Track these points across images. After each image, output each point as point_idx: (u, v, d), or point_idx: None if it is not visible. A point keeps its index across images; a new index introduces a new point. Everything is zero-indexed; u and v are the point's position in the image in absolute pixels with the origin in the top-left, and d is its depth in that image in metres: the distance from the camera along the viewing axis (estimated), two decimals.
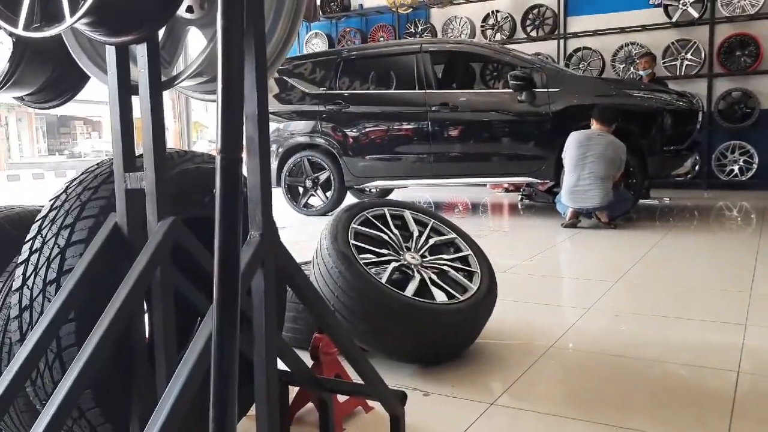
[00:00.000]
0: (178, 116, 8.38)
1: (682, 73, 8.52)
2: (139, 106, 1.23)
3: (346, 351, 1.50)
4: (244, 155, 1.14)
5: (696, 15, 8.41)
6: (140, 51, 1.20)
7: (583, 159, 5.46)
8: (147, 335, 1.48)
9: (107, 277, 1.31)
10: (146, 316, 1.51)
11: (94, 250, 1.27)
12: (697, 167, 8.37)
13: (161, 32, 1.39)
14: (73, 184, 1.41)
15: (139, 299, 1.31)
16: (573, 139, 5.57)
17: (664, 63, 8.64)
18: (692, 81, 8.52)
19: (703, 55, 8.42)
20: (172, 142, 8.62)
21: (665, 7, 8.61)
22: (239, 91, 0.90)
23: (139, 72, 1.21)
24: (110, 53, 1.24)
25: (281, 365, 1.59)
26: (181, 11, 1.32)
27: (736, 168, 8.33)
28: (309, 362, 1.90)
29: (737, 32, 8.28)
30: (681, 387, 2.19)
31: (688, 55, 8.50)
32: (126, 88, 1.26)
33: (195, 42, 1.44)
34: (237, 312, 0.89)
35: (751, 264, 4.01)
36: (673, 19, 8.55)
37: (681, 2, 8.48)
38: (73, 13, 1.01)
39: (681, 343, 2.62)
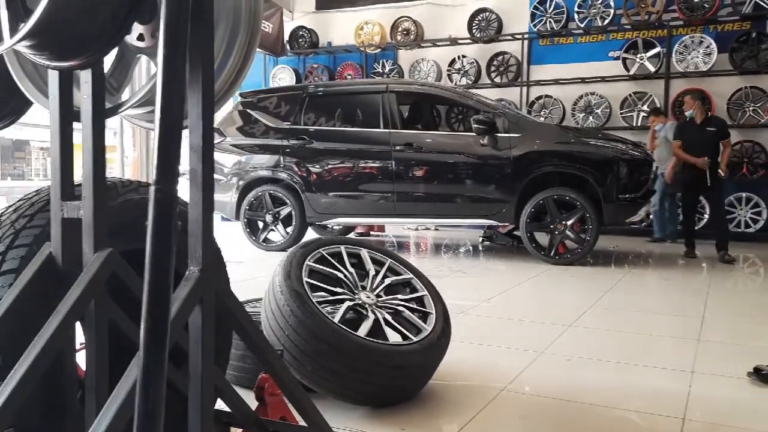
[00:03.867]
0: (137, 144, 8.26)
1: (638, 124, 8.79)
2: (81, 133, 1.20)
3: (289, 392, 1.46)
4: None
5: (652, 69, 8.72)
6: (84, 77, 1.17)
7: None
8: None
9: (38, 309, 1.25)
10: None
11: (24, 280, 1.21)
12: (650, 215, 8.56)
13: (110, 58, 1.36)
14: (8, 211, 1.36)
15: (70, 332, 1.25)
16: None
17: (621, 114, 8.90)
18: (648, 132, 8.78)
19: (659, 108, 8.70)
20: (131, 171, 8.48)
21: (624, 60, 8.91)
22: (178, 121, 0.88)
23: (82, 98, 1.18)
24: (53, 78, 1.20)
25: (224, 406, 1.54)
26: (132, 39, 1.30)
27: None
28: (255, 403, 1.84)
29: (691, 87, 8.59)
30: None
31: (645, 107, 8.78)
32: (68, 114, 1.22)
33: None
34: (165, 352, 0.85)
35: (700, 311, 4.08)
36: (631, 72, 8.85)
37: (639, 56, 8.79)
38: (12, 34, 0.98)
39: (630, 388, 2.63)
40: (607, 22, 8.98)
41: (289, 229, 7.01)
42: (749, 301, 4.61)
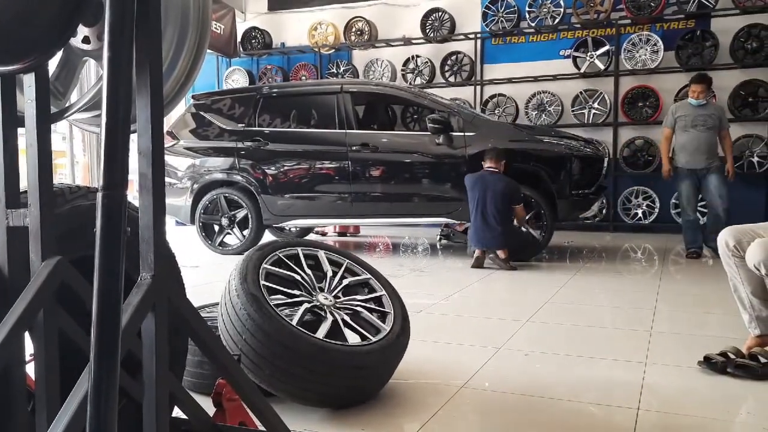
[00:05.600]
0: (88, 149, 8.05)
1: (590, 121, 8.97)
2: (25, 138, 1.16)
3: (246, 397, 1.44)
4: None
5: (602, 67, 8.91)
6: (27, 81, 1.13)
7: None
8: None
9: None
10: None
11: None
12: (603, 211, 8.74)
13: (55, 62, 1.33)
14: None
15: (19, 343, 1.21)
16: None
17: (573, 111, 9.07)
18: (599, 129, 8.98)
19: (608, 105, 8.90)
20: (81, 176, 8.26)
21: (574, 58, 9.08)
22: (124, 124, 0.86)
23: (26, 103, 1.14)
24: None
25: (182, 414, 1.51)
26: (78, 42, 1.27)
27: (639, 212, 8.76)
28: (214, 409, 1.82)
29: (639, 84, 8.82)
30: (586, 425, 2.23)
31: (595, 105, 8.97)
32: (11, 119, 1.19)
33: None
34: (116, 361, 0.83)
35: (652, 304, 4.19)
36: (582, 70, 9.02)
37: (588, 55, 8.97)
38: None
39: (587, 381, 2.69)
40: (557, 21, 9.14)
41: (246, 232, 6.93)
42: (699, 292, 4.75)
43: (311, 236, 8.42)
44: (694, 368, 2.80)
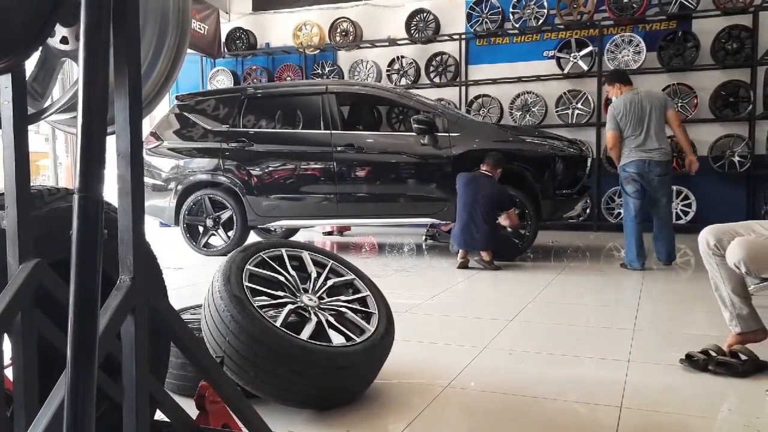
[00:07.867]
0: (71, 151, 7.98)
1: (574, 122, 9.02)
2: (1, 140, 1.15)
3: (229, 400, 1.44)
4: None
5: (585, 68, 8.97)
6: (4, 82, 1.12)
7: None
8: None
9: None
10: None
11: None
12: (587, 210, 8.81)
13: (33, 62, 1.32)
14: None
15: None
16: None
17: (557, 112, 9.12)
18: (583, 129, 9.04)
19: (592, 105, 8.96)
20: (64, 178, 8.18)
21: (558, 59, 9.13)
22: (101, 125, 0.85)
23: (3, 104, 1.13)
24: None
25: (163, 416, 1.50)
26: (56, 42, 1.26)
27: (622, 211, 8.80)
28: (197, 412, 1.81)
29: None
30: (570, 423, 2.24)
31: (579, 105, 9.02)
32: None
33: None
34: (94, 364, 0.83)
35: (635, 302, 4.22)
36: (565, 71, 9.08)
37: (572, 55, 9.03)
38: None
39: (570, 380, 2.70)
40: (541, 22, 9.19)
41: (231, 234, 6.90)
42: (681, 291, 4.80)
43: (302, 237, 8.40)
44: (676, 366, 2.83)
